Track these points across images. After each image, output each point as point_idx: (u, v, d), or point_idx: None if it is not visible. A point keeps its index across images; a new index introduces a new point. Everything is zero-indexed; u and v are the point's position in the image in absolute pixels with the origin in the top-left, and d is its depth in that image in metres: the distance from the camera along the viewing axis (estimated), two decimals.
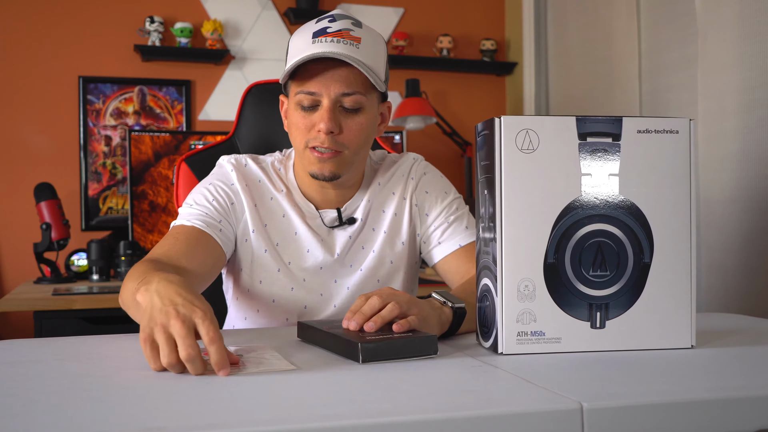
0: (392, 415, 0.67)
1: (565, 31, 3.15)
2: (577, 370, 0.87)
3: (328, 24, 1.24)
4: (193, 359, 0.84)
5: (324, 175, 1.27)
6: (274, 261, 1.32)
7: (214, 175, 1.35)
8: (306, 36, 1.24)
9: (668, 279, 0.97)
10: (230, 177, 1.33)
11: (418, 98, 3.09)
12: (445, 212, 1.38)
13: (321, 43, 1.22)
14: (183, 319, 0.86)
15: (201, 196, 1.30)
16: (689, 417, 0.73)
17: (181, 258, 1.18)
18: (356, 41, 1.23)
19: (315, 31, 1.23)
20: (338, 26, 1.24)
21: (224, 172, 1.34)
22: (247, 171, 1.35)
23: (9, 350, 1.03)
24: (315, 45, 1.22)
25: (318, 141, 1.24)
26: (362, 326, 0.97)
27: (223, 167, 1.35)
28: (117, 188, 3.02)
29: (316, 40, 1.22)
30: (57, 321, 2.29)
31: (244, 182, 1.33)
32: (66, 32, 2.97)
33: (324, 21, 1.25)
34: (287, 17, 3.18)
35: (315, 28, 1.24)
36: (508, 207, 0.94)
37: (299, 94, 1.25)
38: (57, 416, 0.67)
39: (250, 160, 1.37)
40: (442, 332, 1.06)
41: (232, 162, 1.35)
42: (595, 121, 0.95)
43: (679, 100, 2.39)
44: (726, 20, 2.06)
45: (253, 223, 1.32)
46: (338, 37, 1.22)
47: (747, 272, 1.99)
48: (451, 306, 1.06)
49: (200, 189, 1.32)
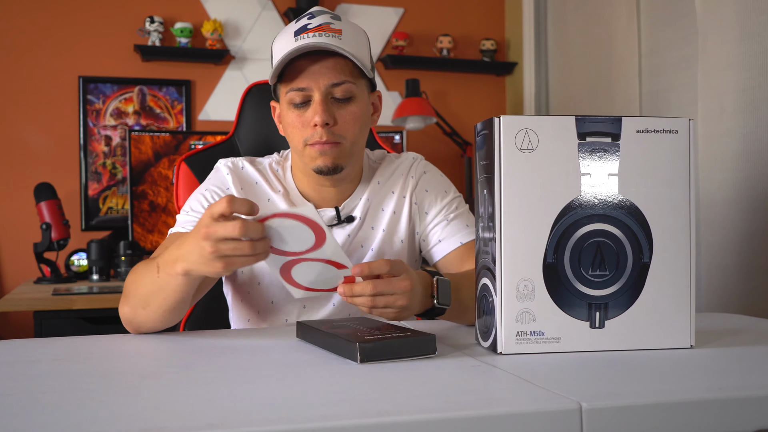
0: (391, 415, 0.67)
1: (565, 31, 3.15)
2: (576, 369, 0.87)
3: (307, 21, 1.25)
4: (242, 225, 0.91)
5: (327, 167, 1.26)
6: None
7: (211, 180, 1.35)
8: (288, 36, 1.25)
9: (667, 279, 0.97)
10: (226, 181, 1.33)
11: (418, 98, 3.09)
12: (445, 210, 1.38)
13: (303, 39, 1.22)
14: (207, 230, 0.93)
15: (197, 202, 1.31)
16: (688, 417, 0.73)
17: None
18: (337, 33, 1.24)
19: (296, 29, 1.24)
20: (318, 21, 1.25)
21: (220, 176, 1.34)
22: (244, 174, 1.35)
23: (9, 350, 1.03)
24: (298, 41, 1.22)
25: (316, 136, 1.25)
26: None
27: (220, 171, 1.35)
28: (117, 188, 3.02)
29: (298, 37, 1.23)
30: (57, 321, 2.29)
31: (240, 186, 1.33)
32: (66, 32, 2.98)
33: (303, 19, 1.26)
34: (287, 17, 3.18)
35: (295, 27, 1.25)
36: (508, 207, 0.94)
37: (290, 93, 1.25)
38: (57, 416, 0.67)
39: (247, 162, 1.37)
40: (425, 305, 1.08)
41: (228, 165, 1.35)
42: (594, 121, 0.95)
43: (679, 100, 2.39)
44: (726, 20, 2.06)
45: None
46: (319, 31, 1.23)
47: (747, 272, 1.99)
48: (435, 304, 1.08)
49: (196, 195, 1.33)
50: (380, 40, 3.34)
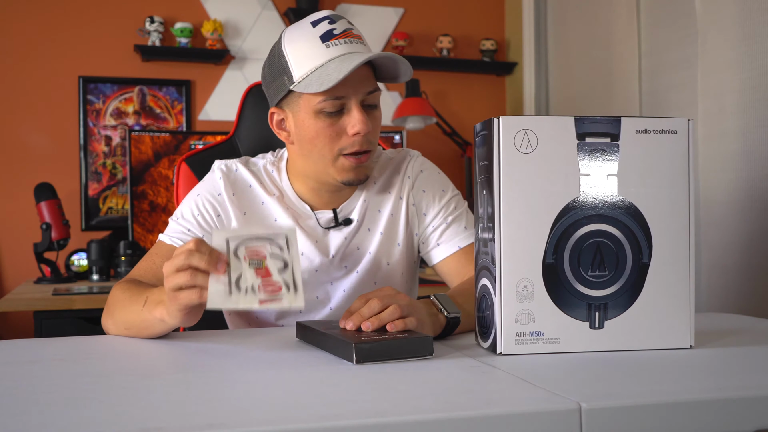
0: (391, 416, 0.67)
1: (565, 31, 3.15)
2: (575, 370, 0.87)
3: (330, 26, 1.21)
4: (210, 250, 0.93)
5: (359, 179, 1.26)
6: None
7: (204, 185, 1.33)
8: (312, 41, 1.20)
9: (667, 279, 0.97)
10: (218, 186, 1.31)
11: (418, 98, 3.10)
12: (443, 212, 1.36)
13: (337, 46, 1.19)
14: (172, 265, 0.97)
15: (188, 209, 1.31)
16: (687, 417, 0.73)
17: (158, 283, 1.21)
18: (360, 39, 1.23)
19: (321, 35, 1.20)
20: (341, 27, 1.22)
21: (213, 180, 1.32)
22: (237, 177, 1.33)
23: (9, 350, 1.03)
24: (332, 49, 1.19)
25: (356, 146, 1.22)
26: (359, 327, 0.98)
27: (214, 174, 1.33)
28: (117, 188, 3.02)
29: (329, 43, 1.19)
30: (57, 321, 2.29)
31: (232, 191, 1.31)
32: (66, 32, 2.98)
33: (323, 23, 1.21)
34: (287, 17, 3.18)
35: (317, 32, 1.20)
36: (507, 207, 0.94)
37: (325, 101, 1.20)
38: (57, 416, 0.67)
39: (242, 165, 1.34)
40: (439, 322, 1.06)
41: (222, 169, 1.33)
42: (593, 122, 0.96)
43: (679, 100, 2.39)
44: (726, 20, 2.06)
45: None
46: (347, 37, 1.20)
47: (747, 272, 1.99)
48: (446, 316, 1.06)
49: (188, 201, 1.32)
50: (380, 40, 3.34)
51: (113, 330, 1.14)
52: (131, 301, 1.10)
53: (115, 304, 1.14)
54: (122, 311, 1.11)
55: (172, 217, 1.32)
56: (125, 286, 1.16)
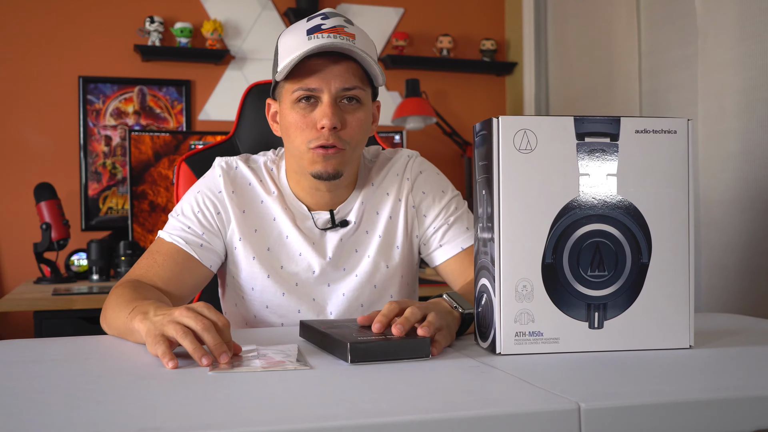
0: (390, 416, 0.67)
1: (565, 31, 3.15)
2: (574, 370, 0.87)
3: (321, 21, 1.23)
4: (209, 328, 0.90)
5: (328, 173, 1.24)
6: (263, 267, 1.31)
7: (204, 181, 1.33)
8: (299, 34, 1.22)
9: (666, 279, 0.97)
10: (218, 184, 1.31)
11: (418, 98, 3.10)
12: (444, 213, 1.35)
13: (318, 39, 1.20)
14: (187, 309, 0.93)
15: (188, 206, 1.30)
16: (687, 417, 0.73)
17: (159, 282, 1.22)
18: (351, 37, 1.22)
19: (308, 28, 1.22)
20: (332, 23, 1.22)
21: (213, 177, 1.33)
22: (237, 175, 1.33)
23: (9, 350, 1.03)
24: (312, 41, 1.20)
25: (322, 139, 1.22)
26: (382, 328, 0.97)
27: (214, 170, 1.33)
28: (117, 188, 3.02)
29: (312, 36, 1.20)
30: (57, 321, 2.29)
31: (232, 189, 1.31)
32: (66, 32, 2.98)
33: (316, 19, 1.24)
34: (287, 17, 3.18)
35: (308, 26, 1.23)
36: (506, 207, 0.94)
37: (297, 92, 1.23)
38: (57, 416, 0.67)
39: (242, 162, 1.35)
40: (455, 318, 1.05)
41: (222, 166, 1.33)
42: (593, 121, 0.96)
43: (679, 100, 2.39)
44: (726, 20, 2.06)
45: (241, 231, 1.30)
46: (333, 33, 1.21)
47: (747, 272, 1.99)
48: (461, 312, 1.05)
49: (188, 198, 1.32)
50: (380, 40, 3.34)
51: (108, 331, 1.15)
52: (120, 307, 1.09)
53: (109, 309, 1.14)
54: (113, 316, 1.12)
55: (171, 213, 1.32)
56: (121, 291, 1.15)
